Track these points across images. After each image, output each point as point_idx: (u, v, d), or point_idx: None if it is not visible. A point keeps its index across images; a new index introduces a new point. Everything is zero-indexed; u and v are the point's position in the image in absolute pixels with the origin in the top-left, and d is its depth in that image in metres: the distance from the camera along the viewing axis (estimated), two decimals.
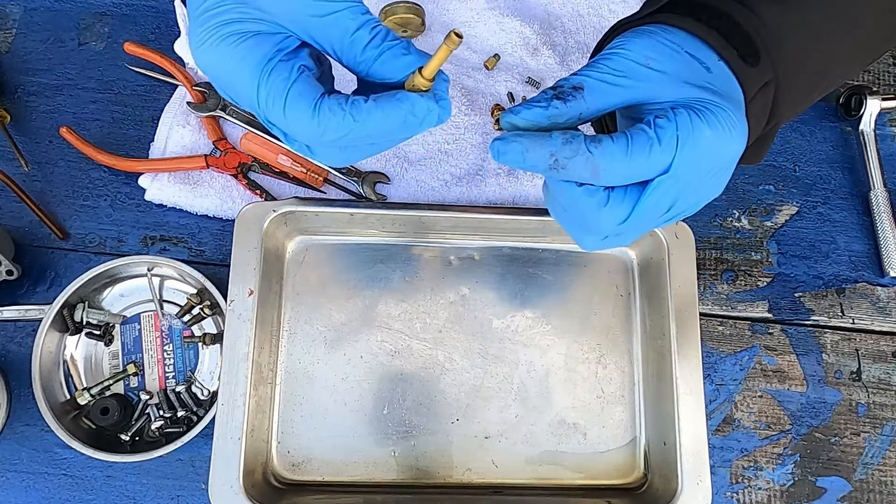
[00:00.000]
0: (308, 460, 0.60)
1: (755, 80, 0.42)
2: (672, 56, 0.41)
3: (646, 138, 0.37)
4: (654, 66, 0.40)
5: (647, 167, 0.38)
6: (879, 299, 0.68)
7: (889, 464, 0.64)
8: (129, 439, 0.59)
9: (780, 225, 0.70)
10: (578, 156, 0.37)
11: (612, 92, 0.39)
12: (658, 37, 0.41)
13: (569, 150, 0.37)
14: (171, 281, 0.64)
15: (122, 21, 0.72)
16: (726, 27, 0.42)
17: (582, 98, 0.39)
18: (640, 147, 0.37)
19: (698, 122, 0.38)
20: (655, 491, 0.59)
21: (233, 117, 0.67)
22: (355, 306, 0.63)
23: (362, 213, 0.62)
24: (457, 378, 0.62)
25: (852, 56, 0.50)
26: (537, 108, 0.39)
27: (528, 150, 0.38)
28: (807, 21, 0.45)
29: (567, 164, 0.37)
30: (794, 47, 0.44)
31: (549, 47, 0.71)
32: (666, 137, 0.37)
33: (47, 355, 0.59)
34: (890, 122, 0.73)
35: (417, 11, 0.68)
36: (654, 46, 0.41)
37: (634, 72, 0.40)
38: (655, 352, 0.62)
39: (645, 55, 0.40)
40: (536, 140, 0.38)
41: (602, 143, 0.37)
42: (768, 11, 0.43)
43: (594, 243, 0.43)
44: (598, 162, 0.37)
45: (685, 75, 0.40)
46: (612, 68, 0.40)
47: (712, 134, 0.38)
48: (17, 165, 0.66)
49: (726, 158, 0.39)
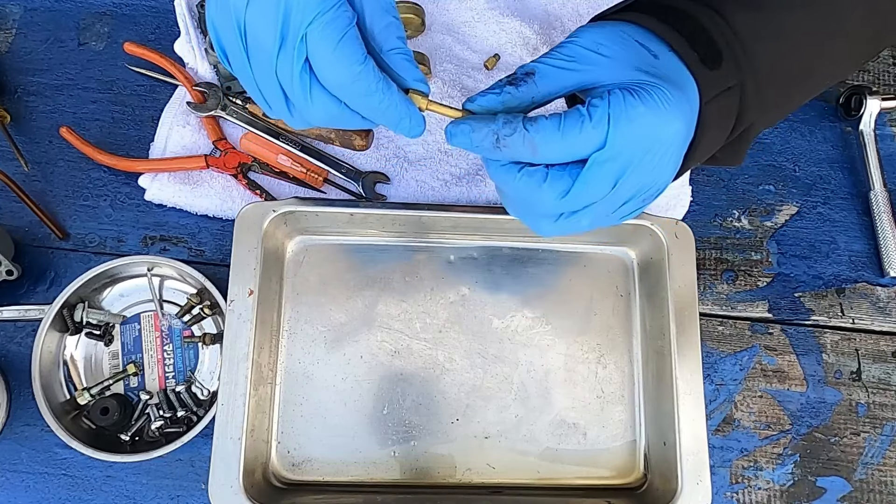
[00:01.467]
0: (308, 460, 0.60)
1: (715, 82, 0.43)
2: (621, 43, 0.43)
3: (577, 116, 0.40)
4: (603, 51, 0.43)
5: (581, 143, 0.40)
6: (879, 299, 0.68)
7: (889, 464, 0.64)
8: (129, 439, 0.59)
9: (780, 225, 0.70)
10: (516, 133, 0.40)
11: (561, 76, 0.42)
12: (612, 28, 0.44)
13: (508, 128, 0.40)
14: (171, 281, 0.64)
15: (122, 21, 0.72)
16: (688, 29, 0.44)
17: (533, 83, 0.42)
18: (572, 124, 0.40)
19: (632, 99, 0.40)
20: (655, 491, 0.59)
21: (233, 117, 0.67)
22: (355, 306, 0.63)
23: (362, 213, 0.62)
24: (457, 378, 0.62)
25: (838, 58, 0.51)
26: (491, 94, 0.42)
27: (474, 130, 0.41)
28: (784, 25, 0.46)
29: (507, 142, 0.41)
30: (768, 52, 0.45)
31: (548, 47, 0.71)
32: (597, 115, 0.40)
33: (47, 355, 0.59)
34: (890, 122, 0.73)
35: (417, 11, 0.68)
36: (606, 35, 0.43)
37: (583, 57, 0.42)
38: (655, 352, 0.62)
39: (595, 42, 0.43)
40: (481, 121, 0.41)
41: (537, 122, 0.40)
42: (739, 16, 0.45)
43: (548, 227, 0.44)
44: (534, 138, 0.40)
45: (631, 60, 0.42)
46: (563, 54, 0.43)
47: (646, 110, 0.40)
48: (17, 165, 0.66)
49: (666, 136, 0.41)
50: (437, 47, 0.71)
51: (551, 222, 0.44)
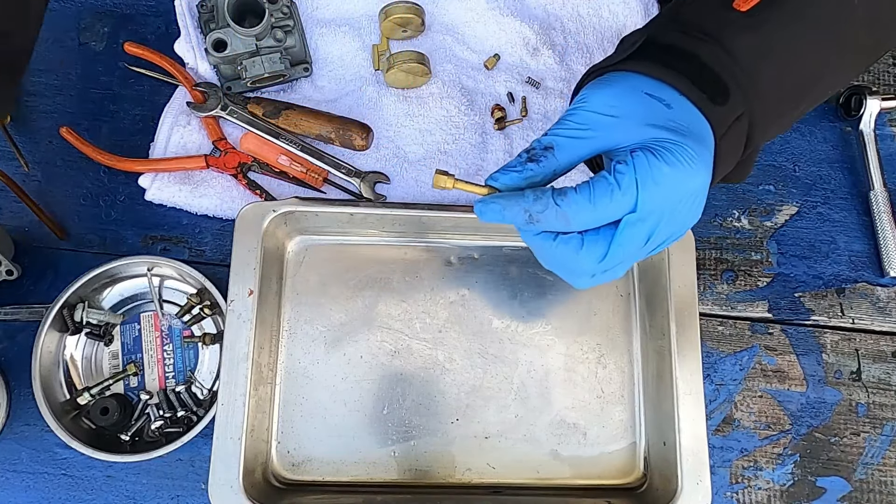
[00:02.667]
0: (308, 460, 0.60)
1: (726, 117, 0.44)
2: (632, 100, 0.43)
3: (606, 185, 0.41)
4: (615, 112, 0.43)
5: (613, 210, 0.41)
6: (879, 299, 0.68)
7: (889, 464, 0.64)
8: (129, 439, 0.59)
9: (780, 225, 0.70)
10: (548, 209, 0.41)
11: (579, 146, 0.43)
12: (619, 84, 0.44)
13: (539, 205, 0.41)
14: (171, 281, 0.64)
15: (122, 21, 0.72)
16: (693, 69, 0.44)
17: (553, 157, 0.43)
18: (602, 194, 0.41)
19: (655, 161, 0.41)
20: (655, 491, 0.59)
21: (233, 117, 0.67)
22: (355, 306, 0.63)
23: (362, 213, 0.62)
24: (457, 378, 0.62)
25: (841, 68, 0.51)
26: (513, 174, 0.43)
27: (505, 208, 0.42)
28: (785, 41, 0.46)
29: (540, 217, 0.42)
30: (770, 73, 0.46)
31: (549, 47, 0.71)
32: (625, 182, 0.41)
33: (47, 355, 0.59)
34: (890, 122, 0.73)
35: (417, 11, 0.68)
36: (615, 94, 0.44)
37: (597, 123, 0.43)
38: (655, 352, 0.62)
39: (606, 104, 0.43)
40: (511, 199, 0.42)
41: (567, 195, 0.41)
42: (739, 40, 0.45)
43: (586, 283, 0.46)
44: (566, 212, 0.41)
45: (646, 116, 0.43)
46: (577, 123, 0.43)
47: (671, 170, 0.41)
48: (17, 165, 0.66)
49: (691, 190, 0.42)
50: (437, 47, 0.71)
51: (588, 278, 0.45)
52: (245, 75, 0.65)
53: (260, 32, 0.64)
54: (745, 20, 0.46)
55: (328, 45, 0.70)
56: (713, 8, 0.47)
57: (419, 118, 0.68)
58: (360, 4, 0.72)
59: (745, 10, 0.46)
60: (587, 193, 0.41)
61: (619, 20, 0.73)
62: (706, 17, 0.47)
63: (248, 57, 0.65)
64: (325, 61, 0.70)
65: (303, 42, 0.69)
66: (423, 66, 0.66)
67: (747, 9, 0.46)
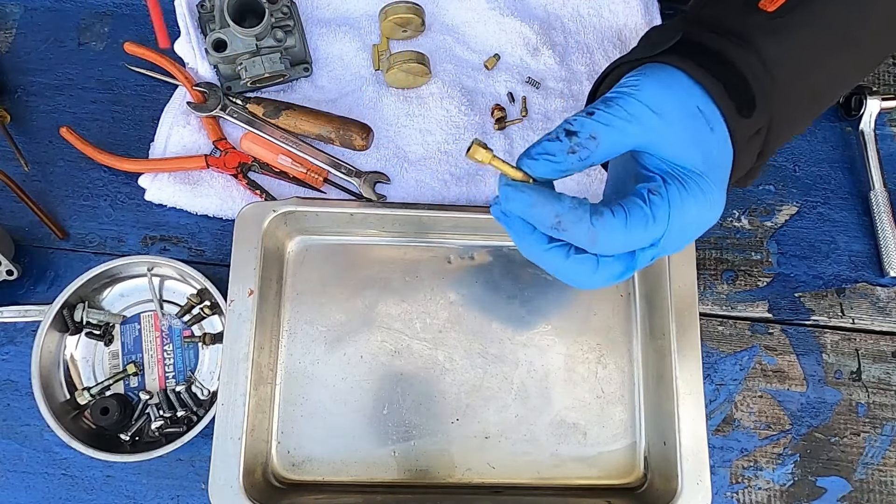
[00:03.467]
0: (308, 460, 0.60)
1: (748, 130, 0.44)
2: (684, 108, 0.42)
3: (642, 215, 0.40)
4: (665, 113, 0.41)
5: (641, 240, 0.41)
6: (879, 299, 0.68)
7: (889, 464, 0.64)
8: (129, 439, 0.60)
9: (780, 225, 0.70)
10: (581, 223, 0.39)
11: (621, 140, 0.41)
12: (673, 84, 0.42)
13: (573, 215, 0.39)
14: (171, 281, 0.64)
15: (122, 21, 0.72)
16: (728, 76, 0.43)
17: (596, 148, 0.40)
18: (637, 223, 0.40)
19: (687, 197, 0.40)
20: (655, 491, 0.59)
21: (233, 117, 0.67)
22: (355, 306, 0.63)
23: (362, 213, 0.62)
24: (457, 378, 0.62)
25: (851, 74, 0.51)
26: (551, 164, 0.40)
27: (535, 205, 0.40)
28: (808, 47, 0.45)
29: (568, 227, 0.39)
30: (794, 80, 0.45)
31: (549, 47, 0.71)
32: (660, 214, 0.40)
33: (47, 355, 0.59)
34: (890, 122, 0.73)
35: (417, 11, 0.68)
36: (670, 94, 0.41)
37: (644, 117, 0.41)
38: (655, 352, 0.62)
39: (658, 100, 0.41)
40: (545, 198, 0.39)
41: (603, 216, 0.39)
42: (768, 47, 0.44)
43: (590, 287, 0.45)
44: (597, 233, 0.39)
45: (690, 133, 0.42)
46: (626, 112, 0.40)
47: (697, 209, 0.41)
48: (17, 165, 0.66)
49: (706, 224, 0.43)
50: (437, 47, 0.71)
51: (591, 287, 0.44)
52: (245, 75, 0.65)
53: (260, 32, 0.64)
54: (771, 23, 0.44)
55: (328, 45, 0.70)
56: (738, 8, 0.46)
57: (419, 118, 0.68)
58: (360, 4, 0.72)
59: (771, 11, 0.44)
60: (623, 219, 0.40)
61: (620, 20, 0.73)
62: (733, 18, 0.45)
63: (248, 57, 0.65)
64: (325, 61, 0.70)
65: (303, 42, 0.69)
66: (423, 66, 0.66)
67: (774, 9, 0.44)
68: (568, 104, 0.70)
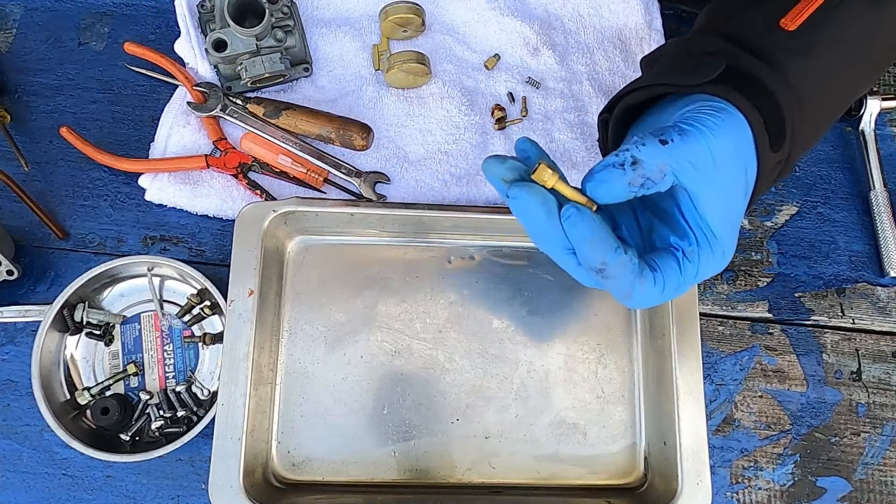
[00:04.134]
0: (308, 460, 0.60)
1: (774, 161, 0.43)
2: (738, 163, 0.41)
3: (676, 282, 0.41)
4: (722, 167, 0.39)
5: (668, 299, 0.42)
6: (879, 299, 0.68)
7: (889, 464, 0.64)
8: (129, 439, 0.59)
9: (780, 225, 0.70)
10: (624, 280, 0.39)
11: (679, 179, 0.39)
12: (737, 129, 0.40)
13: (621, 269, 0.39)
14: (171, 281, 0.64)
15: (122, 21, 0.72)
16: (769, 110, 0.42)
17: (661, 181, 0.38)
18: (671, 289, 0.41)
19: (709, 257, 0.41)
20: (655, 491, 0.59)
21: (233, 117, 0.67)
22: (355, 306, 0.63)
23: (362, 213, 0.62)
24: (457, 378, 0.62)
25: (863, 87, 0.51)
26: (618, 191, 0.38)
27: (591, 242, 0.38)
28: (830, 67, 0.45)
29: (610, 276, 0.39)
30: (815, 101, 0.44)
31: (549, 47, 0.71)
32: (688, 273, 0.41)
33: (47, 355, 0.59)
34: (890, 122, 0.73)
35: (417, 11, 0.68)
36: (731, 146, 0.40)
37: (704, 166, 0.39)
38: (655, 352, 0.62)
39: (723, 153, 0.39)
40: (603, 239, 0.38)
41: (645, 281, 0.40)
42: (793, 69, 0.43)
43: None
44: (635, 290, 0.40)
45: (733, 191, 0.41)
46: (695, 156, 0.38)
47: (713, 266, 0.42)
48: (17, 165, 0.66)
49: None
50: (437, 47, 0.71)
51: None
52: (245, 75, 0.65)
53: (260, 32, 0.64)
54: (794, 42, 0.43)
55: (328, 45, 0.70)
56: (760, 26, 0.44)
57: (419, 118, 0.68)
58: (360, 4, 0.72)
59: (792, 30, 0.43)
60: (661, 286, 0.40)
61: (620, 20, 0.73)
62: (759, 37, 0.44)
63: (248, 57, 0.65)
64: (325, 61, 0.70)
65: (303, 42, 0.69)
66: (424, 66, 0.66)
67: (794, 28, 0.43)
68: (568, 104, 0.70)
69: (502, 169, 0.40)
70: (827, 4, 0.44)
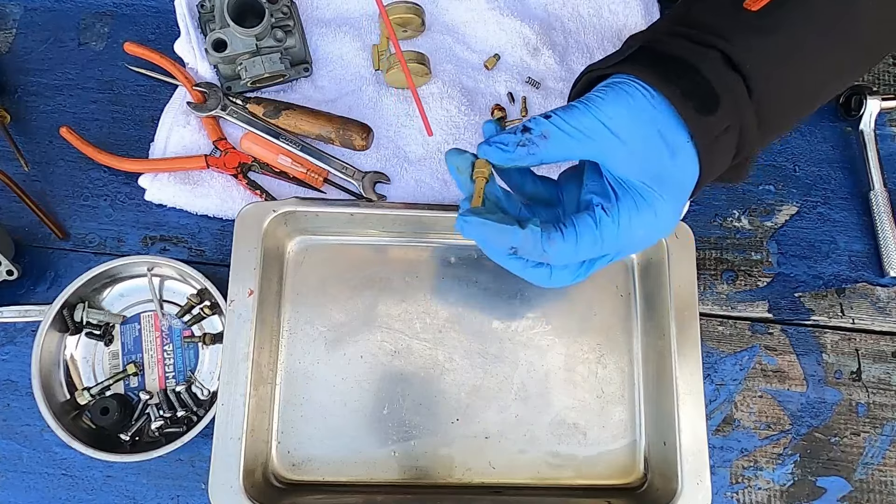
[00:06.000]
0: (308, 460, 0.60)
1: (712, 128, 0.44)
2: (645, 133, 0.44)
3: (591, 236, 0.44)
4: (624, 136, 0.43)
5: (592, 255, 0.45)
6: (879, 299, 0.68)
7: (889, 464, 0.64)
8: (129, 439, 0.59)
9: (780, 225, 0.70)
10: (534, 249, 0.45)
11: (573, 148, 0.44)
12: (639, 106, 0.44)
13: (527, 244, 0.44)
14: (171, 281, 0.64)
15: (122, 21, 0.72)
16: (688, 79, 0.44)
17: (546, 146, 0.44)
18: (587, 243, 0.44)
19: (637, 215, 0.44)
20: (655, 491, 0.59)
21: (233, 117, 0.67)
22: (355, 306, 0.63)
23: (362, 213, 0.62)
24: (457, 378, 0.62)
25: (845, 72, 0.51)
26: (502, 152, 0.45)
27: (489, 240, 0.45)
28: (795, 47, 0.46)
29: (524, 253, 0.45)
30: (777, 79, 0.46)
31: (549, 47, 0.71)
32: (608, 235, 0.44)
33: (47, 355, 0.59)
34: (890, 122, 0.73)
35: (417, 11, 0.68)
36: (632, 118, 0.44)
37: (601, 135, 0.44)
38: (655, 352, 0.62)
39: (619, 122, 0.44)
40: (500, 231, 0.44)
41: (554, 242, 0.44)
42: (749, 46, 0.45)
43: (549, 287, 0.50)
44: (550, 255, 0.45)
45: (643, 150, 0.44)
46: (583, 126, 0.44)
47: (646, 225, 0.44)
48: (17, 165, 0.66)
49: (660, 235, 0.46)
50: (437, 47, 0.71)
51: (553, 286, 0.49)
52: (245, 75, 0.65)
53: (260, 32, 0.64)
54: (756, 21, 0.45)
55: (328, 45, 0.70)
56: (724, 7, 0.47)
57: (419, 118, 0.68)
58: (360, 4, 0.72)
59: (755, 10, 0.45)
60: (573, 241, 0.44)
61: (620, 20, 0.73)
62: (717, 17, 0.46)
63: (248, 57, 0.65)
64: (325, 61, 0.70)
65: (303, 42, 0.69)
66: (424, 66, 0.66)
67: (758, 8, 0.45)
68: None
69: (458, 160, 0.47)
70: None
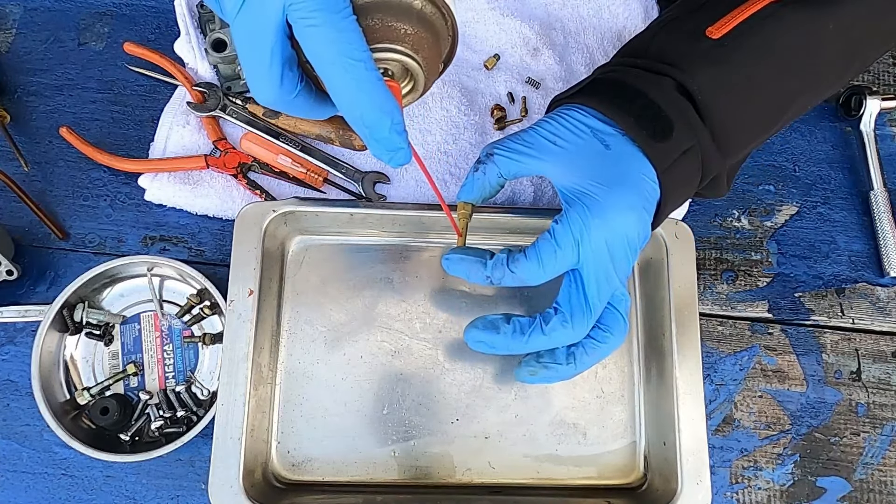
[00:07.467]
0: (308, 460, 0.60)
1: (670, 152, 0.47)
2: (577, 133, 0.48)
3: (549, 247, 0.47)
4: (559, 141, 0.48)
5: (560, 266, 0.47)
6: (879, 299, 0.68)
7: (889, 464, 0.64)
8: (128, 439, 0.59)
9: (780, 225, 0.70)
10: (506, 276, 0.49)
11: (518, 160, 0.49)
12: (572, 118, 0.49)
13: (497, 272, 0.49)
14: (171, 281, 0.64)
15: (122, 21, 0.72)
16: (638, 107, 0.47)
17: (494, 165, 0.50)
18: (548, 256, 0.47)
19: (587, 215, 0.46)
20: (655, 491, 0.59)
21: (233, 117, 0.67)
22: (355, 306, 0.63)
23: (362, 213, 0.62)
24: (457, 378, 0.62)
25: (811, 91, 0.52)
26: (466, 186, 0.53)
27: (469, 274, 0.51)
28: (750, 74, 0.48)
29: (500, 281, 0.49)
30: (730, 105, 0.48)
31: (549, 47, 0.71)
32: (564, 241, 0.46)
33: (47, 355, 0.59)
34: (890, 122, 0.73)
35: None
36: (565, 126, 0.49)
37: (540, 145, 0.49)
38: (655, 352, 0.62)
39: (553, 131, 0.49)
40: (472, 265, 0.50)
41: (519, 262, 0.48)
42: (702, 74, 0.47)
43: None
44: (520, 276, 0.48)
45: (584, 152, 0.47)
46: (523, 140, 0.50)
47: (602, 223, 0.45)
48: (17, 165, 0.66)
49: (626, 236, 0.47)
50: None
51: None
52: (245, 75, 0.65)
53: None
54: (714, 50, 0.47)
55: None
56: (685, 36, 0.49)
57: (419, 118, 0.68)
58: None
59: (717, 39, 0.47)
60: (535, 258, 0.47)
61: (620, 21, 0.73)
62: (676, 46, 0.49)
63: None
64: None
65: None
66: None
67: (719, 37, 0.47)
68: None
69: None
70: (758, 14, 0.47)
